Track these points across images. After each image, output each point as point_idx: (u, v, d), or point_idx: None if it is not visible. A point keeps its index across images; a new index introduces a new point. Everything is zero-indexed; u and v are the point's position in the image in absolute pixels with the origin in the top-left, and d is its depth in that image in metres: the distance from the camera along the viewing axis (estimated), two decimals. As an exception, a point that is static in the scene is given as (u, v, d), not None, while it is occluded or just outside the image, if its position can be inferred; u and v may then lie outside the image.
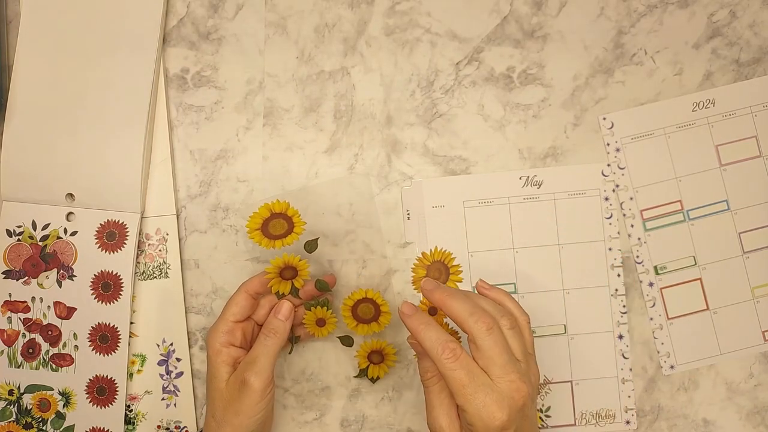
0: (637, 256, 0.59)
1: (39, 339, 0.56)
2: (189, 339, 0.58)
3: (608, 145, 0.60)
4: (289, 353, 0.58)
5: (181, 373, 0.58)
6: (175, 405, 0.58)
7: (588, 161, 0.60)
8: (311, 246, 0.54)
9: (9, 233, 0.57)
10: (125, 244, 0.57)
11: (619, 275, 0.59)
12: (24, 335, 0.57)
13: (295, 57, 0.59)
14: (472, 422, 0.44)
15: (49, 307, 0.56)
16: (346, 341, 0.57)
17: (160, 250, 0.58)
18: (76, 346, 0.56)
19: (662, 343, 0.59)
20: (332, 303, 0.57)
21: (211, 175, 0.59)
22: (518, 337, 0.47)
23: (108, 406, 0.57)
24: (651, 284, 0.59)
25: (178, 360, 0.58)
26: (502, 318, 0.47)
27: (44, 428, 0.57)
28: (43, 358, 0.57)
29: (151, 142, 0.58)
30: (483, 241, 0.59)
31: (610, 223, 0.59)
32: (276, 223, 0.51)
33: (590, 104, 0.60)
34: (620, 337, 0.59)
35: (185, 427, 0.58)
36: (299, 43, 0.59)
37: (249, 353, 0.51)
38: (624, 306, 0.59)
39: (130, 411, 0.58)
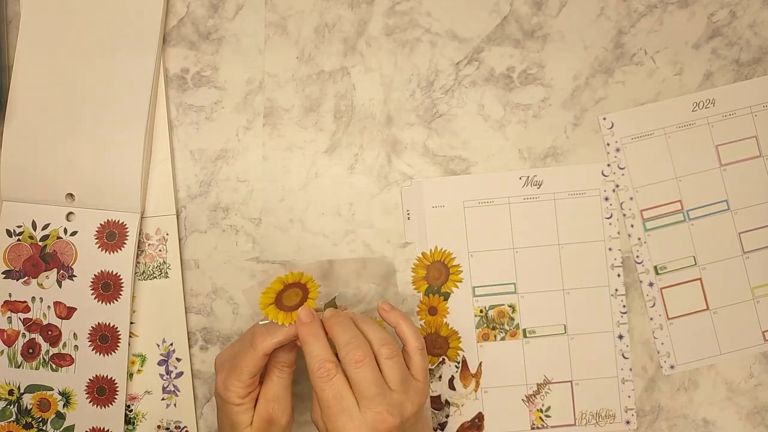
0: (637, 256, 0.59)
1: (39, 339, 0.57)
2: (189, 339, 0.58)
3: (608, 145, 0.60)
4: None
5: (181, 373, 0.58)
6: (175, 405, 0.58)
7: (588, 161, 0.60)
8: (331, 306, 0.52)
9: (9, 233, 0.57)
10: (125, 244, 0.57)
11: (619, 275, 0.59)
12: (24, 335, 0.57)
13: (295, 57, 0.59)
14: None
15: (49, 307, 0.56)
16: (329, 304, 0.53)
17: (160, 250, 0.58)
18: (76, 346, 0.56)
19: (662, 343, 0.59)
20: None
21: (211, 175, 0.59)
22: (397, 366, 0.48)
23: (108, 406, 0.57)
24: (651, 284, 0.59)
25: (178, 360, 0.58)
26: (382, 347, 0.48)
27: (44, 428, 0.57)
28: (43, 358, 0.57)
29: (151, 142, 0.58)
30: (483, 241, 0.59)
31: (610, 223, 0.59)
32: (290, 294, 0.50)
33: (590, 104, 0.60)
34: (620, 337, 0.59)
35: (185, 427, 0.58)
36: (299, 43, 0.59)
37: (267, 389, 0.50)
38: (624, 306, 0.59)
39: (130, 411, 0.58)
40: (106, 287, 0.57)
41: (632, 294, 0.59)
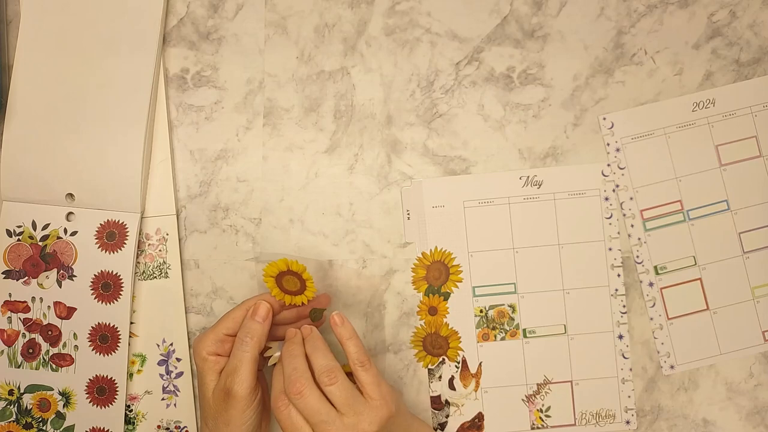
0: (637, 256, 0.59)
1: (39, 339, 0.57)
2: (189, 339, 0.58)
3: (608, 145, 0.60)
4: (268, 365, 0.55)
5: (181, 373, 0.58)
6: (175, 405, 0.58)
7: (588, 161, 0.60)
8: (316, 315, 0.54)
9: (9, 233, 0.57)
10: (125, 244, 0.57)
11: (619, 275, 0.59)
12: (24, 335, 0.57)
13: (295, 57, 0.59)
14: None
15: (49, 307, 0.56)
16: (316, 314, 0.55)
17: (160, 250, 0.58)
18: (76, 346, 0.56)
19: (662, 343, 0.59)
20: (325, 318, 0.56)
21: (211, 175, 0.59)
22: (339, 391, 0.48)
23: (108, 406, 0.57)
24: (651, 284, 0.59)
25: (178, 360, 0.58)
26: (322, 375, 0.49)
27: (44, 428, 0.57)
28: (43, 358, 0.57)
29: (151, 142, 0.58)
30: (483, 241, 0.59)
31: (610, 223, 0.59)
32: (290, 279, 0.52)
33: (590, 104, 0.60)
34: (620, 337, 0.59)
35: (185, 427, 0.58)
36: (299, 43, 0.59)
37: (229, 361, 0.50)
38: (624, 306, 0.59)
39: (130, 411, 0.58)
40: (106, 287, 0.57)
41: (632, 294, 0.59)
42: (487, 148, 0.59)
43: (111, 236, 0.57)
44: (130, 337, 0.57)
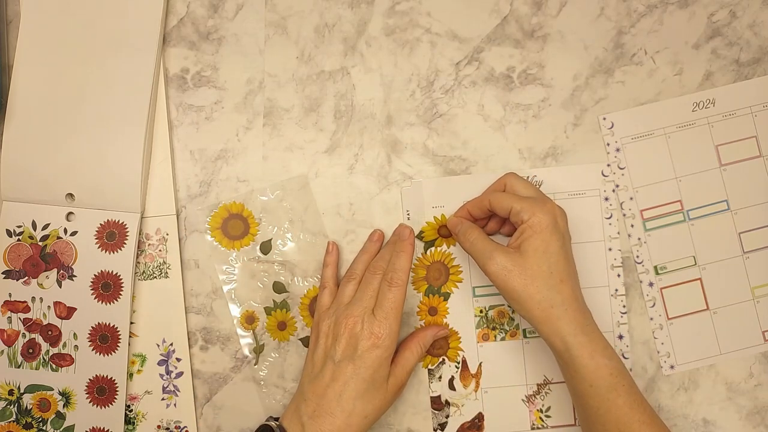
0: (637, 256, 0.59)
1: (39, 339, 0.57)
2: (189, 339, 0.58)
3: (608, 145, 0.60)
4: (255, 365, 0.58)
5: (181, 373, 0.58)
6: (175, 405, 0.58)
7: (588, 161, 0.60)
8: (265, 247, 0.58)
9: (9, 233, 0.57)
10: (125, 244, 0.57)
11: (619, 275, 0.59)
12: (24, 335, 0.57)
13: (295, 57, 0.59)
14: (531, 216, 0.51)
15: (49, 307, 0.57)
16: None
17: (160, 250, 0.58)
18: (76, 346, 0.56)
19: (662, 343, 0.59)
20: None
21: (211, 175, 0.59)
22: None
23: (108, 406, 0.57)
24: (651, 284, 0.59)
25: (178, 360, 0.58)
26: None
27: (44, 428, 0.57)
28: (43, 358, 0.57)
29: (151, 142, 0.58)
30: (483, 241, 0.59)
31: (610, 223, 0.59)
32: (234, 224, 0.57)
33: (590, 104, 0.60)
34: (620, 337, 0.59)
35: (185, 427, 0.58)
36: (299, 43, 0.59)
37: (405, 358, 0.54)
38: (624, 306, 0.59)
39: (130, 411, 0.58)
40: (106, 287, 0.57)
41: (632, 294, 0.59)
42: (487, 148, 0.59)
43: (111, 236, 0.57)
44: (130, 337, 0.57)
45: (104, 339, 0.57)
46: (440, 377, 0.59)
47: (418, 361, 0.55)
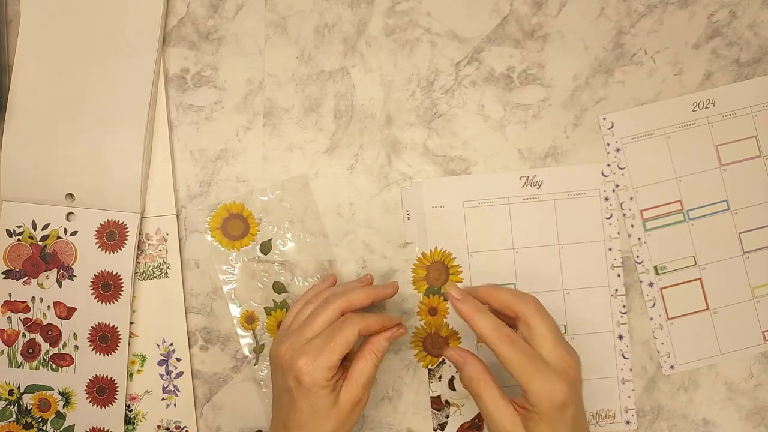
0: (637, 256, 0.59)
1: (39, 339, 0.57)
2: (189, 339, 0.58)
3: (608, 145, 0.60)
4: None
5: (181, 373, 0.58)
6: (175, 405, 0.58)
7: (588, 161, 0.60)
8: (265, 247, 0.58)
9: (9, 233, 0.57)
10: (125, 244, 0.57)
11: (619, 275, 0.59)
12: (24, 335, 0.57)
13: (295, 57, 0.59)
14: (538, 402, 0.46)
15: (49, 307, 0.57)
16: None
17: (160, 250, 0.58)
18: (76, 346, 0.57)
19: (662, 343, 0.59)
20: None
21: (211, 175, 0.59)
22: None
23: (108, 406, 0.57)
24: (651, 284, 0.59)
25: (178, 360, 0.58)
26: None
27: (44, 428, 0.57)
28: (43, 358, 0.57)
29: (151, 142, 0.58)
30: (483, 241, 0.59)
31: (610, 223, 0.59)
32: (234, 224, 0.57)
33: (590, 104, 0.60)
34: (620, 337, 0.59)
35: (185, 427, 0.58)
36: (299, 43, 0.59)
37: (361, 372, 0.50)
38: (624, 306, 0.59)
39: (130, 411, 0.58)
40: (106, 287, 0.57)
41: (632, 294, 0.59)
42: (487, 148, 0.59)
43: (111, 236, 0.57)
44: (130, 337, 0.57)
45: (104, 339, 0.57)
46: (440, 377, 0.59)
47: (374, 369, 0.51)
